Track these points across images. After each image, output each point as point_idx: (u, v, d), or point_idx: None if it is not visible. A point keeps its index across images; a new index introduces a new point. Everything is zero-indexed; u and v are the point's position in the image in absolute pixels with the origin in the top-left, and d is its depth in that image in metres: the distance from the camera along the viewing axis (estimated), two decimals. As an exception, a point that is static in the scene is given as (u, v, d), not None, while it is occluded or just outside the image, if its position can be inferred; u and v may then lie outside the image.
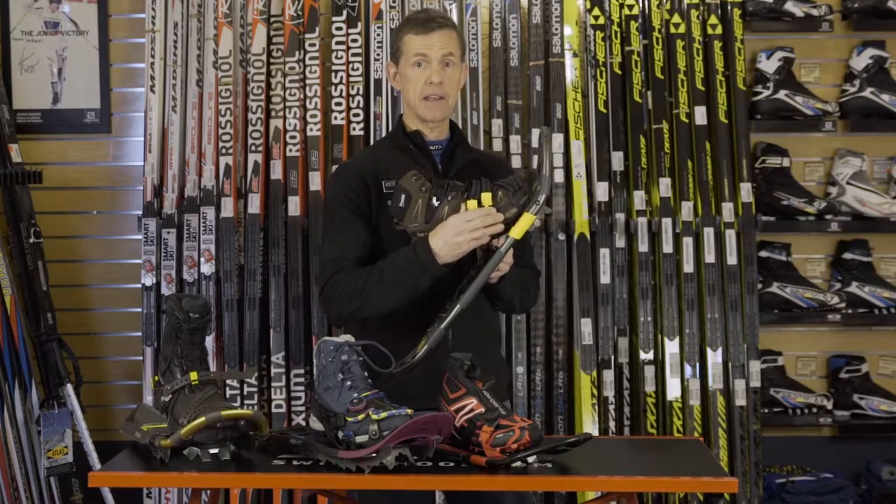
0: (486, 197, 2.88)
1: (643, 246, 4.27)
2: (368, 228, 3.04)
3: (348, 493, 3.13)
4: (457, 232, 2.89)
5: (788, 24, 4.43)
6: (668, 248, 4.26)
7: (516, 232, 2.88)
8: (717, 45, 4.35)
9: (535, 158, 2.85)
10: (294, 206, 4.21)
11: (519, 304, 3.17)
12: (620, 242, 4.26)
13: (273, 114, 4.27)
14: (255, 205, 4.20)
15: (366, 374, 2.70)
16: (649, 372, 4.25)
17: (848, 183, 4.45)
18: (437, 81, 3.05)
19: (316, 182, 4.23)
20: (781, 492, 4.33)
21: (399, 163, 3.06)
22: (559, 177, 4.23)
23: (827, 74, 4.57)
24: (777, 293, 4.42)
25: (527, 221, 2.88)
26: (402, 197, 2.91)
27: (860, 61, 4.47)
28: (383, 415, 2.55)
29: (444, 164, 3.11)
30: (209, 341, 3.98)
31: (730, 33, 4.35)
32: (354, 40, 4.31)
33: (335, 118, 4.29)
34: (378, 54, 4.28)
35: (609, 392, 4.24)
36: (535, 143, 3.82)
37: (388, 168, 3.07)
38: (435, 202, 2.90)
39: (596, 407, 4.21)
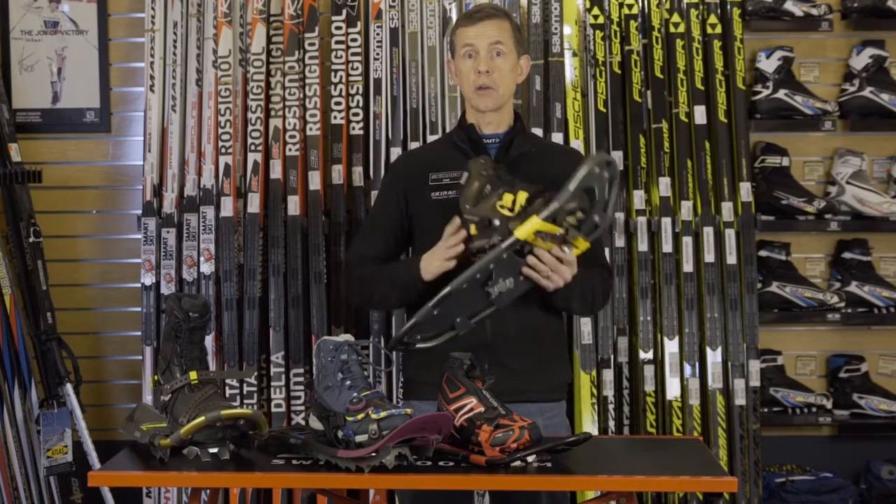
0: (522, 196, 2.85)
1: (643, 245, 4.27)
2: (399, 224, 3.17)
3: (348, 492, 3.13)
4: (435, 252, 2.98)
5: (788, 23, 4.43)
6: (667, 247, 4.26)
7: (520, 232, 2.84)
8: (717, 44, 4.35)
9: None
10: (293, 205, 4.21)
11: (580, 306, 3.15)
12: (620, 242, 4.26)
13: (272, 113, 4.27)
14: (254, 204, 4.20)
15: (366, 373, 2.71)
16: (649, 371, 4.25)
17: (847, 182, 4.45)
18: (483, 70, 3.08)
19: (315, 181, 4.23)
20: (781, 491, 4.33)
21: (450, 157, 3.15)
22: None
23: (826, 74, 4.57)
24: (776, 292, 4.42)
25: (532, 224, 2.82)
26: (465, 176, 2.95)
27: (860, 61, 4.47)
28: (383, 414, 2.55)
29: (499, 157, 3.13)
30: (209, 341, 3.99)
31: (729, 33, 4.35)
32: (354, 40, 4.31)
33: (335, 117, 4.29)
34: (377, 54, 4.28)
35: (608, 391, 4.23)
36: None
37: (438, 162, 3.16)
38: (487, 189, 2.90)
39: (595, 406, 4.21)
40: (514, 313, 3.05)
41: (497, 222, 2.88)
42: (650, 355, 4.24)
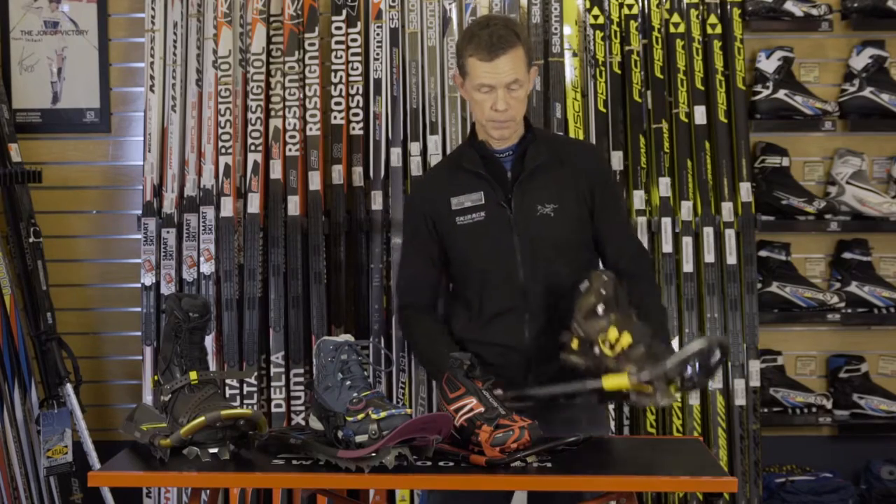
0: (626, 339, 2.81)
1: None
2: (433, 249, 3.18)
3: (348, 492, 3.13)
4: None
5: (788, 23, 4.43)
6: (667, 247, 4.26)
7: (608, 383, 2.80)
8: (717, 44, 4.35)
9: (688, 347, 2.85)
10: (293, 205, 4.21)
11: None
12: (620, 242, 4.26)
13: (272, 113, 4.27)
14: (254, 204, 4.20)
15: (366, 373, 2.71)
16: (649, 371, 4.24)
17: (847, 182, 4.45)
18: (502, 108, 3.05)
19: (315, 181, 4.23)
20: (781, 491, 4.33)
21: (465, 180, 3.15)
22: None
23: (826, 74, 4.57)
24: (776, 293, 4.42)
25: (621, 382, 2.78)
26: (586, 285, 2.91)
27: (859, 61, 4.46)
28: (383, 414, 2.56)
29: (515, 170, 3.14)
30: (209, 341, 3.98)
31: (729, 33, 4.35)
32: (354, 40, 4.31)
33: (335, 118, 4.29)
34: (377, 54, 4.28)
35: (609, 391, 4.23)
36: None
37: (454, 187, 3.16)
38: (600, 309, 2.87)
39: (595, 406, 4.20)
40: (550, 323, 3.10)
41: (596, 351, 2.85)
42: (650, 355, 4.23)
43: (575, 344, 2.89)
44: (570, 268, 3.13)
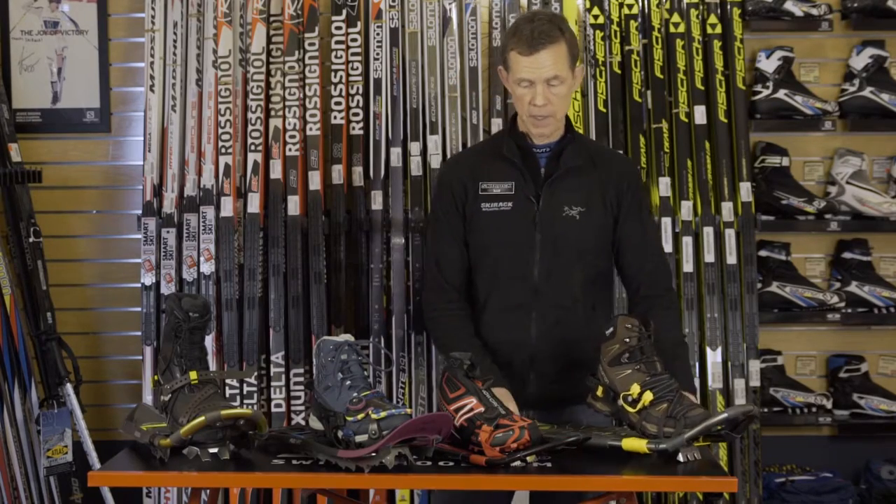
0: (647, 397, 2.80)
1: (643, 245, 4.26)
2: (463, 234, 3.18)
3: (348, 492, 3.13)
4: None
5: (788, 23, 4.43)
6: (667, 247, 4.25)
7: (626, 445, 2.76)
8: (717, 44, 4.35)
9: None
10: (293, 205, 4.21)
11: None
12: (620, 242, 4.25)
13: (272, 113, 4.27)
14: (254, 204, 4.20)
15: (366, 373, 2.71)
16: (649, 371, 4.24)
17: (847, 182, 4.45)
18: (540, 104, 3.05)
19: (315, 181, 4.23)
20: (781, 491, 4.32)
21: (500, 168, 3.16)
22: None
23: (826, 74, 4.57)
24: (776, 292, 4.42)
25: (639, 446, 2.74)
26: (611, 330, 2.88)
27: (859, 61, 4.46)
28: (383, 414, 2.56)
29: (549, 167, 3.15)
30: (209, 341, 3.98)
31: (729, 33, 4.35)
32: (354, 40, 4.31)
33: (335, 117, 4.29)
34: (377, 54, 4.28)
35: (609, 391, 4.23)
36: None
37: (487, 171, 3.17)
38: (625, 358, 2.85)
39: (595, 406, 4.20)
40: (558, 325, 3.13)
41: (619, 403, 2.84)
42: (650, 355, 4.23)
43: (599, 391, 2.89)
44: (585, 273, 3.15)
